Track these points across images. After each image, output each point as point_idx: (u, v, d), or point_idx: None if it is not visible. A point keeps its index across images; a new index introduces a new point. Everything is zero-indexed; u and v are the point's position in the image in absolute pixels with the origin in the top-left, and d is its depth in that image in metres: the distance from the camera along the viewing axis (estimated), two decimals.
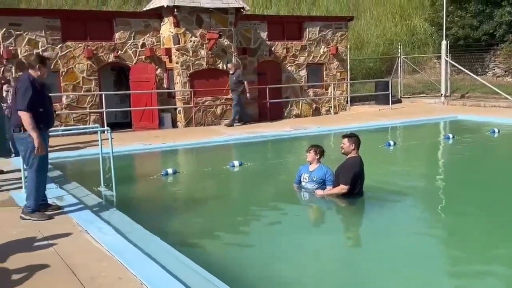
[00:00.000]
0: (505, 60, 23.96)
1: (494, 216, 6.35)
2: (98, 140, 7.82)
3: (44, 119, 5.69)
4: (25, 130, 5.54)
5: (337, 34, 18.59)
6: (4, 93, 9.11)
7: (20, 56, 13.73)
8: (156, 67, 15.41)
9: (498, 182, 8.27)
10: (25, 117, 5.45)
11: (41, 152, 5.56)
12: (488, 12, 23.65)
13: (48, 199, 6.17)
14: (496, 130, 12.78)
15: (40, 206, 5.84)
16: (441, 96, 20.40)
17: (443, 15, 21.03)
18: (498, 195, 7.44)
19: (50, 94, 6.21)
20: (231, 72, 14.97)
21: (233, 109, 15.16)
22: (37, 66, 5.67)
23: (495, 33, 23.46)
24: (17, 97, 5.53)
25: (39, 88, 5.66)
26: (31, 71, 5.70)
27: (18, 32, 13.72)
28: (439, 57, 22.12)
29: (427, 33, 26.80)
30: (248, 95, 15.06)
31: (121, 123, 15.27)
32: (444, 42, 20.53)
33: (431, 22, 26.15)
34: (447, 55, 20.49)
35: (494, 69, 24.38)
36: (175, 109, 15.43)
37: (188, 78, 15.16)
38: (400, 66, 22.28)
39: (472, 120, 15.25)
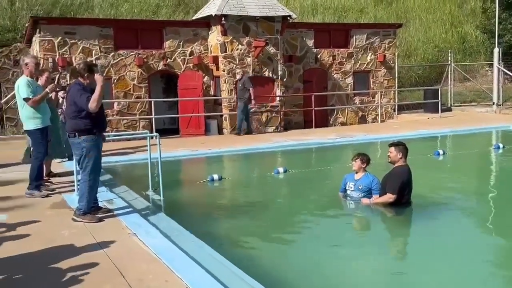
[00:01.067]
0: None
1: None
2: (147, 146, 7.98)
3: (97, 123, 5.88)
4: (79, 135, 5.76)
5: (384, 42, 18.34)
6: (60, 100, 9.44)
7: (74, 64, 14.24)
8: (204, 74, 15.63)
9: None
10: (94, 101, 5.57)
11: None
12: None
13: (98, 202, 6.34)
14: None
15: (91, 209, 6.01)
16: (493, 105, 19.68)
17: (495, 22, 20.37)
18: None
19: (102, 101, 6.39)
20: (238, 77, 14.75)
21: (238, 118, 14.83)
22: (85, 74, 5.85)
23: None
24: (77, 102, 5.71)
25: (90, 95, 5.85)
26: (80, 79, 5.91)
27: (73, 41, 14.27)
28: (491, 65, 21.43)
29: (478, 41, 26.05)
30: (253, 102, 14.56)
31: (169, 129, 15.55)
32: (496, 50, 19.84)
33: (482, 29, 25.44)
34: (499, 63, 19.80)
35: None
36: (221, 116, 15.58)
37: (234, 85, 15.30)
38: (450, 73, 21.71)
39: None
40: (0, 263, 4.59)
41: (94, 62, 13.54)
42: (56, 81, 13.45)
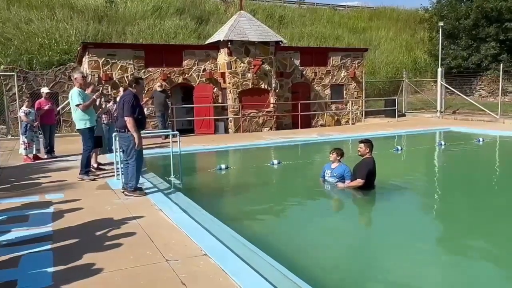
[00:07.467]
0: (488, 84, 23.32)
1: (476, 204, 6.11)
2: (169, 142, 7.96)
3: (140, 123, 5.97)
4: (128, 130, 5.81)
5: (355, 62, 18.30)
6: (104, 104, 9.45)
7: (114, 79, 14.18)
8: (213, 86, 15.57)
9: (480, 179, 8.08)
10: (131, 122, 5.71)
11: (139, 147, 5.90)
12: (475, 46, 22.94)
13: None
14: (481, 139, 12.31)
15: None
16: (437, 112, 19.74)
17: (439, 48, 20.42)
18: (479, 187, 7.31)
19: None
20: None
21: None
22: (133, 85, 5.98)
23: (481, 63, 22.77)
24: (125, 107, 5.77)
25: (137, 102, 5.92)
26: (130, 89, 5.98)
27: (113, 61, 14.19)
28: (435, 81, 21.41)
29: (426, 62, 26.11)
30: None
31: (186, 129, 15.48)
32: (439, 70, 19.89)
33: (429, 54, 25.49)
34: (442, 80, 19.83)
35: (479, 91, 23.78)
36: (227, 119, 15.54)
37: (237, 95, 15.24)
38: (405, 87, 21.70)
39: (462, 131, 14.64)
40: (61, 232, 4.60)
41: (136, 76, 13.46)
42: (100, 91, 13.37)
